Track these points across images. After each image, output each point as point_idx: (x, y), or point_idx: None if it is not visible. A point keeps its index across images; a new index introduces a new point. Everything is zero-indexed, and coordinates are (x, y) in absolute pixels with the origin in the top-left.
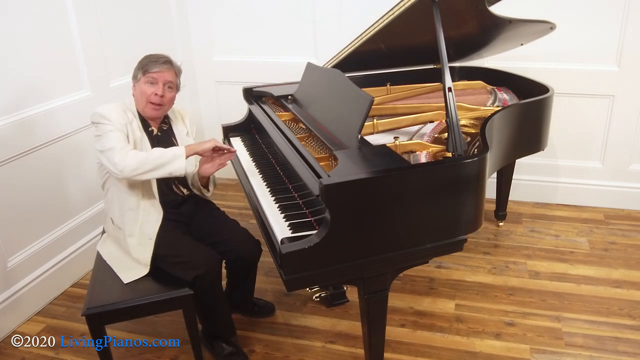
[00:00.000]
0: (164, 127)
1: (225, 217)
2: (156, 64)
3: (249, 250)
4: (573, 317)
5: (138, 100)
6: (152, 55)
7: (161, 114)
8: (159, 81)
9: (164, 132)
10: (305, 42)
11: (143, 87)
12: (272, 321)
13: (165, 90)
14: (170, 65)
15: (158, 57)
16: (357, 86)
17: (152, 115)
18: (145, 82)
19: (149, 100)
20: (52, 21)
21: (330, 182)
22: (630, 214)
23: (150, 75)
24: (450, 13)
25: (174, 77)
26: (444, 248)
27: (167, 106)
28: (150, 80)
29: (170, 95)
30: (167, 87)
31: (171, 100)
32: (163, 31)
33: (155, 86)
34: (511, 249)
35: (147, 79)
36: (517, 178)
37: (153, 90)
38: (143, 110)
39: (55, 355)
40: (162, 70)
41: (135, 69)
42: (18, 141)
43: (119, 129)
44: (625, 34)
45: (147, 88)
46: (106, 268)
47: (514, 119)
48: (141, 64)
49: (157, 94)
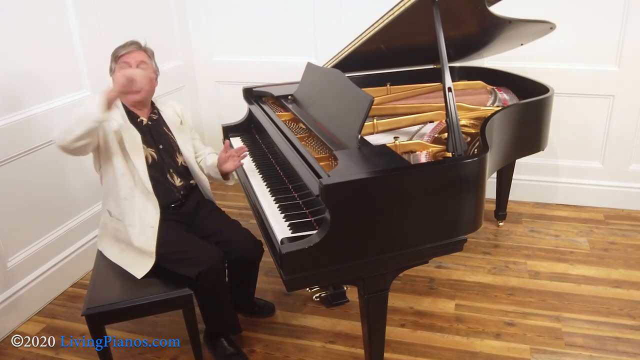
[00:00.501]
0: (154, 117)
1: (226, 218)
2: (124, 48)
3: (251, 251)
4: (573, 317)
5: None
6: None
7: (144, 96)
8: (131, 63)
9: (155, 122)
10: (305, 42)
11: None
12: (272, 321)
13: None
14: (139, 46)
15: (126, 42)
16: (357, 86)
17: (136, 100)
18: (118, 69)
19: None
20: (52, 21)
21: (330, 182)
22: (630, 214)
23: (122, 60)
24: (450, 13)
25: (145, 57)
26: (444, 248)
27: (148, 86)
28: (123, 65)
29: (146, 73)
30: (141, 68)
31: (150, 80)
32: (163, 31)
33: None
34: (511, 249)
35: (120, 65)
36: (517, 178)
37: None
38: (126, 99)
39: (55, 355)
40: (130, 51)
41: (110, 62)
42: (18, 141)
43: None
44: (625, 34)
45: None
46: (106, 268)
47: (514, 119)
48: (113, 53)
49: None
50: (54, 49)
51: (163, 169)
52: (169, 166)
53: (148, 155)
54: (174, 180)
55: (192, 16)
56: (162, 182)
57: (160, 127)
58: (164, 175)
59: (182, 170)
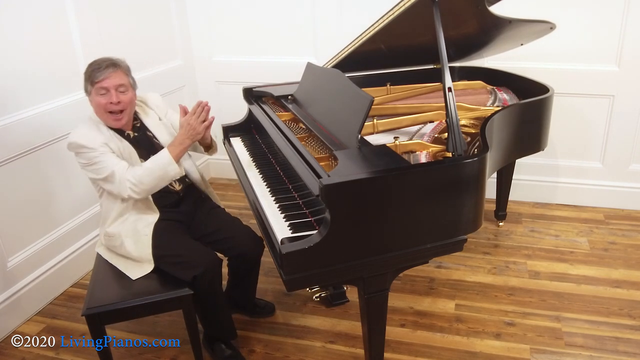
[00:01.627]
0: (137, 125)
1: (226, 215)
2: (100, 71)
3: (252, 247)
4: (573, 317)
5: (98, 114)
6: (95, 62)
7: (126, 120)
8: (110, 88)
9: (139, 131)
10: (305, 42)
11: (97, 100)
12: (272, 321)
13: (119, 96)
14: (115, 67)
15: (100, 62)
16: (357, 86)
17: (117, 126)
18: (97, 94)
19: (107, 110)
20: (52, 21)
21: (330, 182)
22: (630, 214)
23: (99, 86)
24: (450, 13)
25: (123, 77)
26: (444, 248)
27: (129, 109)
28: (101, 91)
29: (126, 98)
30: (120, 91)
31: (130, 102)
32: (163, 31)
33: (107, 95)
34: (511, 249)
35: (97, 90)
36: (517, 178)
37: (107, 100)
38: (106, 122)
39: (55, 355)
40: (107, 76)
41: (84, 80)
42: (19, 141)
43: (104, 151)
44: (625, 34)
45: (101, 99)
46: (106, 268)
47: (514, 119)
48: (86, 74)
49: (113, 102)
50: (54, 49)
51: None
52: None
53: None
54: (173, 185)
55: (192, 16)
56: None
57: (145, 134)
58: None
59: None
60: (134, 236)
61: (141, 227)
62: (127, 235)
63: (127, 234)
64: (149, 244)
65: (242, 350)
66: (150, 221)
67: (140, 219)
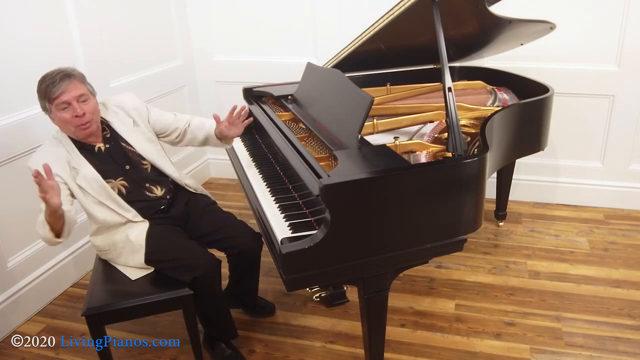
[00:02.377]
0: (107, 135)
1: (221, 213)
2: (55, 86)
3: (251, 243)
4: (573, 317)
5: (64, 130)
6: (47, 77)
7: (95, 127)
8: (70, 101)
9: (110, 141)
10: (305, 42)
11: (60, 115)
12: (272, 321)
13: (82, 106)
14: (70, 77)
15: (53, 76)
16: (357, 86)
17: (87, 134)
18: (58, 110)
19: (73, 125)
20: (52, 21)
21: (330, 182)
22: (630, 214)
23: (59, 101)
24: (450, 13)
25: (80, 87)
26: (444, 248)
27: (95, 116)
28: (62, 106)
29: (90, 107)
30: (82, 101)
31: (94, 109)
32: (163, 31)
33: (69, 109)
34: (511, 249)
35: (57, 106)
36: (517, 178)
37: (71, 114)
38: (75, 136)
39: (55, 355)
40: (65, 90)
41: (39, 98)
42: (18, 141)
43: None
44: (625, 34)
45: (64, 114)
46: (106, 268)
47: (514, 119)
48: (40, 92)
49: (78, 115)
50: (54, 49)
51: (139, 190)
52: (143, 181)
53: (120, 188)
54: (154, 192)
55: (192, 16)
56: (143, 200)
57: (118, 145)
58: (142, 194)
59: (155, 177)
60: (128, 246)
61: (134, 236)
62: (122, 247)
63: (122, 246)
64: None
65: (242, 350)
66: (141, 230)
67: (130, 231)
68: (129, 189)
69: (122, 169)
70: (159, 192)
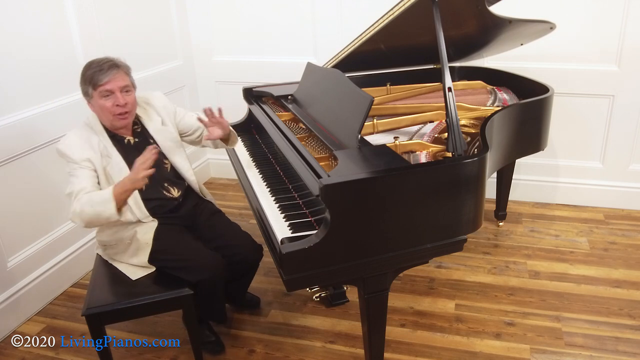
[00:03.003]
0: (137, 130)
1: (226, 221)
2: (102, 73)
3: (251, 255)
4: (573, 317)
5: (101, 117)
6: (94, 63)
7: (131, 118)
8: (115, 90)
9: (139, 135)
10: (305, 42)
11: (100, 103)
12: (272, 321)
13: (125, 97)
14: (117, 67)
15: (101, 63)
16: (357, 86)
17: (123, 125)
18: (100, 97)
19: (113, 113)
20: (52, 21)
21: (330, 182)
22: (630, 214)
23: (102, 88)
24: (450, 13)
25: (125, 78)
26: (444, 248)
27: (134, 109)
28: (105, 94)
29: (131, 99)
30: (125, 92)
31: (134, 102)
32: (163, 31)
33: (112, 97)
34: (511, 249)
35: (101, 93)
36: (517, 178)
37: (113, 102)
38: (111, 125)
39: (55, 355)
40: (111, 79)
41: (82, 83)
42: (18, 141)
43: (84, 166)
44: (625, 34)
45: (105, 102)
46: (106, 268)
47: (514, 119)
48: (86, 77)
49: (119, 105)
50: (54, 49)
51: (157, 187)
52: (162, 180)
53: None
54: (171, 192)
55: (192, 16)
56: (158, 198)
57: (146, 141)
58: (160, 192)
59: (174, 177)
60: (135, 243)
61: (141, 234)
62: (129, 244)
63: (129, 243)
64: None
65: (242, 351)
66: (149, 229)
67: (139, 229)
68: (148, 185)
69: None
70: (175, 194)
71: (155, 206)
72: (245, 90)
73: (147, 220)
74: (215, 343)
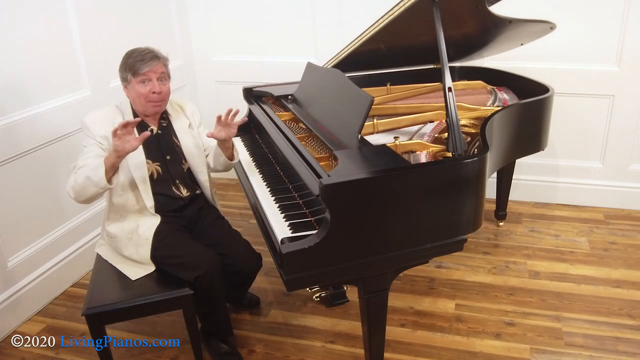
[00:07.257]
0: (164, 124)
1: (228, 228)
2: (144, 63)
3: (250, 265)
4: (573, 317)
5: (136, 102)
6: (136, 52)
7: (163, 107)
8: (152, 78)
9: (164, 129)
10: (305, 42)
11: (137, 88)
12: (272, 321)
13: (161, 85)
14: (158, 58)
15: (143, 53)
16: (357, 86)
17: (155, 112)
18: (138, 83)
19: (148, 100)
20: (51, 21)
21: (330, 182)
22: (630, 214)
23: (142, 75)
24: (450, 13)
25: (163, 69)
26: (444, 248)
27: (167, 99)
28: (143, 80)
29: (166, 87)
30: (161, 80)
31: (168, 92)
32: (163, 31)
33: (149, 84)
34: (511, 249)
35: (139, 78)
36: (517, 178)
37: (149, 89)
38: (144, 110)
39: (55, 355)
40: (151, 69)
41: (122, 69)
42: (18, 141)
43: (96, 143)
44: (625, 34)
45: (142, 88)
46: (106, 268)
47: (514, 119)
48: (127, 64)
49: (155, 92)
50: (54, 49)
51: (168, 182)
52: (175, 177)
53: (153, 171)
54: (180, 191)
55: (192, 16)
56: (166, 194)
57: (169, 136)
58: (169, 188)
59: (188, 179)
60: (135, 239)
61: (142, 230)
62: (129, 239)
63: (129, 238)
64: (149, 247)
65: (242, 351)
66: (151, 225)
67: (141, 223)
68: (161, 176)
69: (162, 157)
70: (184, 193)
71: (162, 201)
72: (245, 90)
73: (151, 211)
74: (231, 354)
